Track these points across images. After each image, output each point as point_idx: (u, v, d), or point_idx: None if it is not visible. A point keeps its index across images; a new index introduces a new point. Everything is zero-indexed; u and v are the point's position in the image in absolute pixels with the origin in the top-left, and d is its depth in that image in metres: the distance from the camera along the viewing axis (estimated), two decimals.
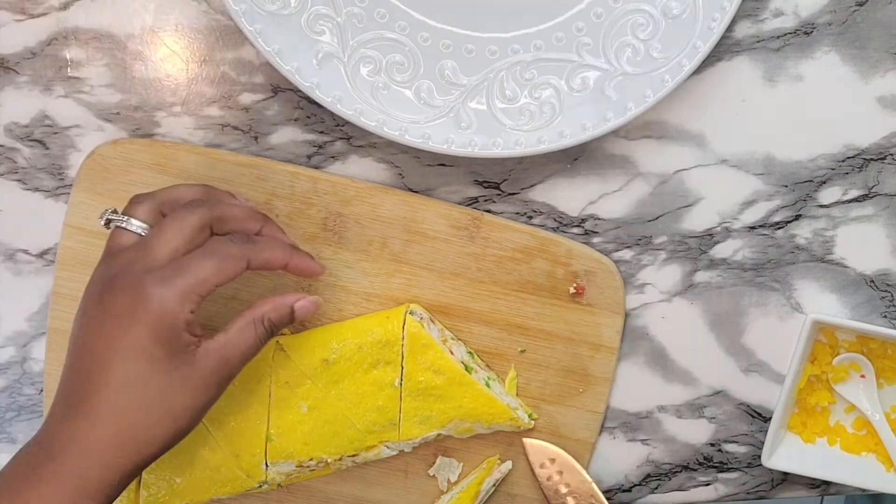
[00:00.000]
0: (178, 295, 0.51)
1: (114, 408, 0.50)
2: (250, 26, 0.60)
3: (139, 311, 0.51)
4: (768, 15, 0.64)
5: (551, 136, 0.62)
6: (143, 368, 0.51)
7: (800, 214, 0.67)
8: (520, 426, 0.64)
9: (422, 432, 0.63)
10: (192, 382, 0.52)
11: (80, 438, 0.50)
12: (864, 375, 0.67)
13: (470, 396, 0.63)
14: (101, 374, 0.51)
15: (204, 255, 0.53)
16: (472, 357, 0.66)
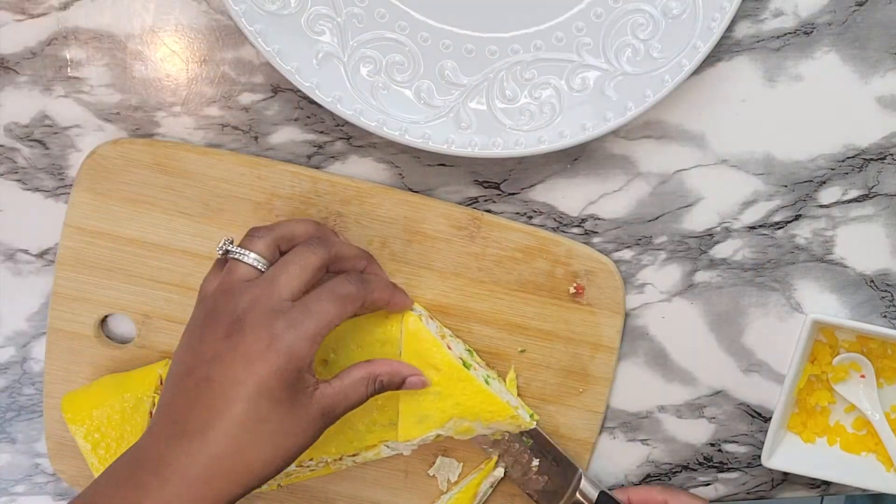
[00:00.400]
0: (307, 339, 0.53)
1: (231, 441, 0.51)
2: (250, 26, 0.60)
3: (269, 353, 0.52)
4: (768, 15, 0.64)
5: (551, 136, 0.62)
6: (266, 408, 0.52)
7: (800, 214, 0.67)
8: (520, 425, 0.63)
9: (420, 432, 0.62)
10: (304, 424, 0.54)
11: (190, 464, 0.51)
12: (864, 375, 0.67)
13: (469, 393, 0.62)
14: (224, 409, 0.51)
15: (327, 298, 0.55)
16: (471, 355, 0.66)
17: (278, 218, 0.65)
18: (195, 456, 0.51)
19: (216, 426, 0.51)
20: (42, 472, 0.71)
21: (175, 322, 0.66)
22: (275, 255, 0.57)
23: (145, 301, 0.66)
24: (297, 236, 0.59)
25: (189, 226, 0.65)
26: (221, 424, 0.51)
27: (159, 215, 0.65)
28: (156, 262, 0.65)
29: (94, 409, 0.64)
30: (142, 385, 0.64)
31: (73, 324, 0.66)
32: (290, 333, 0.53)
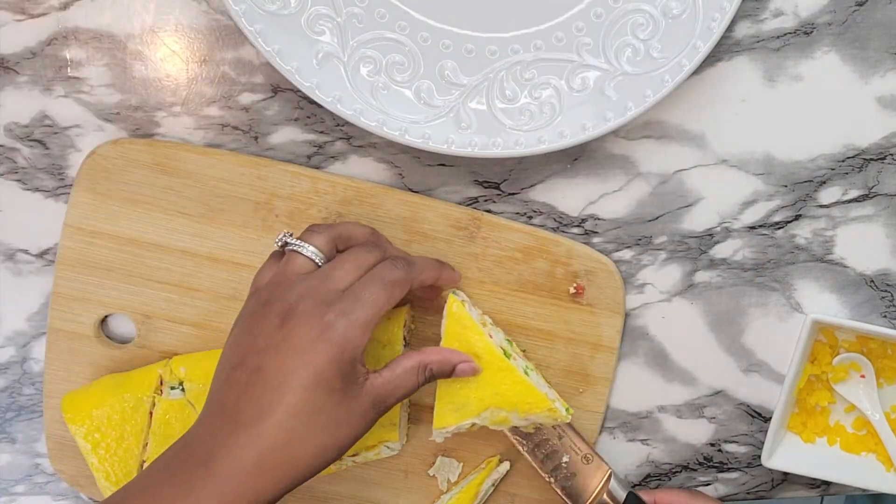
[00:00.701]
0: (359, 327, 0.53)
1: (284, 433, 0.51)
2: (250, 26, 0.60)
3: (322, 343, 0.52)
4: (768, 15, 0.64)
5: (551, 136, 0.62)
6: (319, 398, 0.52)
7: (800, 214, 0.67)
8: (556, 418, 0.61)
9: (456, 420, 0.60)
10: (356, 415, 0.53)
11: (241, 456, 0.50)
12: (864, 375, 0.67)
13: (508, 383, 0.60)
14: (277, 399, 0.51)
15: (376, 284, 0.55)
16: (511, 345, 0.65)
17: (278, 218, 0.65)
18: (246, 448, 0.50)
19: (268, 418, 0.51)
20: (42, 472, 0.71)
21: (175, 322, 0.66)
22: (332, 252, 0.57)
23: (145, 301, 0.66)
24: (355, 237, 0.60)
25: (189, 226, 0.65)
26: (273, 416, 0.51)
27: (159, 215, 0.65)
28: (155, 262, 0.65)
29: (94, 409, 0.64)
30: (142, 385, 0.64)
31: (73, 324, 0.66)
32: (341, 322, 0.53)
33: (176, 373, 0.64)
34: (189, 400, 0.64)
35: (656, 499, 0.65)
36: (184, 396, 0.64)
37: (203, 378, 0.64)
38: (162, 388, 0.64)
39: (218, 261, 0.65)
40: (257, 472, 0.50)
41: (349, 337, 0.53)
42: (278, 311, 0.53)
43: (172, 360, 0.65)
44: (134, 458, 0.64)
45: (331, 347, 0.52)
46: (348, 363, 0.53)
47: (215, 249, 0.65)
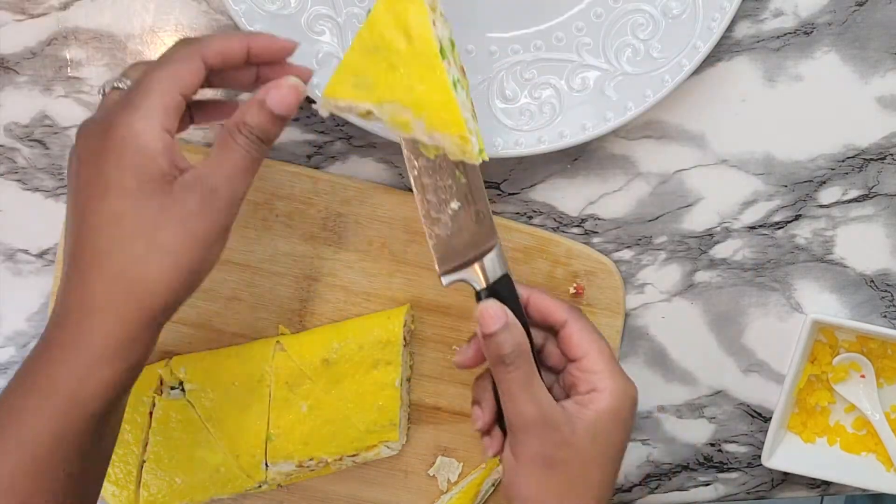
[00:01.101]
0: (143, 115, 0.47)
1: (96, 253, 0.47)
2: (250, 26, 0.60)
3: (107, 144, 0.47)
4: (768, 15, 0.64)
5: (551, 136, 0.62)
6: (117, 204, 0.47)
7: (800, 214, 0.67)
8: (465, 153, 0.50)
9: (351, 96, 0.50)
10: (175, 213, 0.47)
11: (79, 299, 0.47)
12: (864, 375, 0.67)
13: (429, 85, 0.50)
14: (81, 226, 0.48)
15: (157, 66, 0.49)
16: (453, 49, 0.54)
17: (278, 218, 0.65)
18: (80, 290, 0.47)
19: (81, 246, 0.48)
20: None
21: (175, 322, 0.66)
22: None
23: None
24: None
25: None
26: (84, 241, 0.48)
27: None
28: None
29: None
30: (142, 385, 0.64)
31: None
32: (123, 116, 0.47)
33: (176, 373, 0.64)
34: (189, 400, 0.64)
35: (531, 299, 0.58)
36: (184, 396, 0.64)
37: (203, 378, 0.64)
38: (162, 388, 0.64)
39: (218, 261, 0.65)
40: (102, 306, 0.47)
41: (134, 127, 0.47)
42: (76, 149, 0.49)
43: (172, 360, 0.65)
44: (134, 458, 0.64)
45: (113, 145, 0.47)
46: (137, 157, 0.47)
47: None
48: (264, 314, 0.66)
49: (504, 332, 0.54)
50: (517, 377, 0.54)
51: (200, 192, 0.48)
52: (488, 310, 0.54)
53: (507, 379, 0.54)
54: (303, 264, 0.66)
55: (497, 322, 0.54)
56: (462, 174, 0.56)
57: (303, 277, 0.66)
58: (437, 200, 0.56)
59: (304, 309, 0.66)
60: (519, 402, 0.54)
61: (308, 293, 0.66)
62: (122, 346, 0.48)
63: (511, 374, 0.54)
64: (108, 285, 0.47)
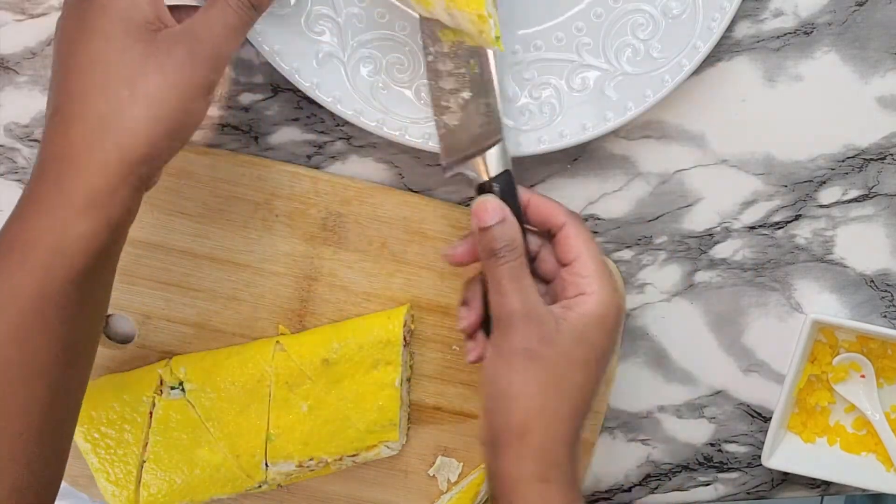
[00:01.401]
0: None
1: (77, 97, 0.47)
2: None
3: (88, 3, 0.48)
4: (768, 15, 0.64)
5: (551, 136, 0.62)
6: (100, 48, 0.48)
7: (800, 214, 0.67)
8: (482, 33, 0.52)
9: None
10: (158, 62, 0.48)
11: (59, 147, 0.47)
12: (864, 375, 0.67)
13: None
14: (64, 72, 0.48)
15: None
16: None
17: (278, 218, 0.65)
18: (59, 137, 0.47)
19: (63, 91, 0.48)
20: None
21: (175, 322, 0.66)
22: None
23: (145, 301, 0.66)
24: None
25: (189, 226, 0.65)
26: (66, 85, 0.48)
27: (159, 215, 0.65)
28: (156, 262, 0.65)
29: (93, 410, 0.64)
30: (142, 385, 0.64)
31: None
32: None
33: (176, 373, 0.64)
34: (189, 400, 0.64)
35: (531, 200, 0.57)
36: (184, 396, 0.64)
37: (203, 378, 0.64)
38: (162, 388, 0.64)
39: (218, 261, 0.65)
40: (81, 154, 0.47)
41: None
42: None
43: (172, 360, 0.65)
44: (134, 458, 0.64)
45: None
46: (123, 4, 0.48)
47: (215, 249, 0.65)
48: (264, 314, 0.66)
49: (499, 226, 0.54)
50: (507, 270, 0.54)
51: (185, 44, 0.48)
52: (485, 203, 0.55)
53: (496, 271, 0.54)
54: (303, 264, 0.66)
55: (494, 216, 0.54)
56: (476, 64, 0.56)
57: (303, 277, 0.66)
58: (448, 88, 0.56)
59: (304, 309, 0.66)
60: (506, 294, 0.54)
61: (308, 293, 0.66)
62: (100, 197, 0.47)
63: (501, 266, 0.54)
64: (87, 129, 0.47)
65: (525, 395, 0.53)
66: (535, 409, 0.53)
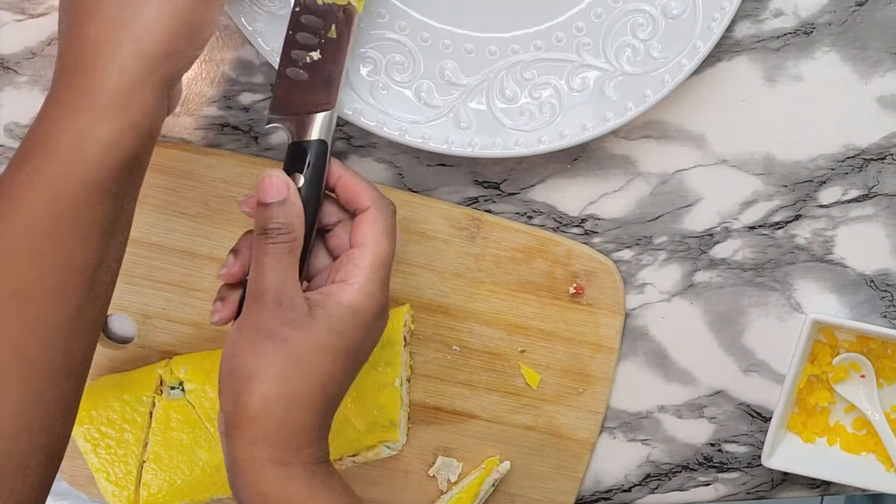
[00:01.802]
0: None
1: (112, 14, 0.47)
2: (250, 26, 0.60)
3: None
4: (768, 15, 0.64)
5: (551, 136, 0.62)
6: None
7: (800, 214, 0.67)
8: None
9: None
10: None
11: (76, 52, 0.47)
12: (864, 375, 0.67)
13: None
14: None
15: None
16: None
17: None
18: (85, 45, 0.46)
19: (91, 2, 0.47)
20: None
21: (175, 322, 0.66)
22: None
23: (145, 301, 0.66)
24: None
25: (188, 226, 0.65)
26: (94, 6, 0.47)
27: (159, 215, 0.65)
28: (156, 262, 0.65)
29: (93, 410, 0.64)
30: (142, 385, 0.64)
31: None
32: None
33: (176, 373, 0.64)
34: (189, 400, 0.64)
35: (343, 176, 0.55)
36: (184, 396, 0.64)
37: (203, 378, 0.64)
38: (162, 388, 0.64)
39: (218, 261, 0.65)
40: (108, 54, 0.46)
41: None
42: None
43: (172, 360, 0.65)
44: (134, 458, 0.64)
45: None
46: None
47: (215, 249, 0.65)
48: None
49: (278, 206, 0.52)
50: (273, 251, 0.51)
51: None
52: (271, 179, 0.52)
53: (261, 249, 0.52)
54: None
55: (276, 195, 0.52)
56: (335, 30, 0.56)
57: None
58: (301, 43, 0.56)
59: None
60: (264, 273, 0.51)
61: None
62: (121, 99, 0.46)
63: (267, 246, 0.51)
64: (102, 28, 0.46)
65: (262, 377, 0.50)
66: (272, 392, 0.50)
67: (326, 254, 0.56)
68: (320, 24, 0.56)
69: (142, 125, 0.47)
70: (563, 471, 0.68)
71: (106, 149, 0.46)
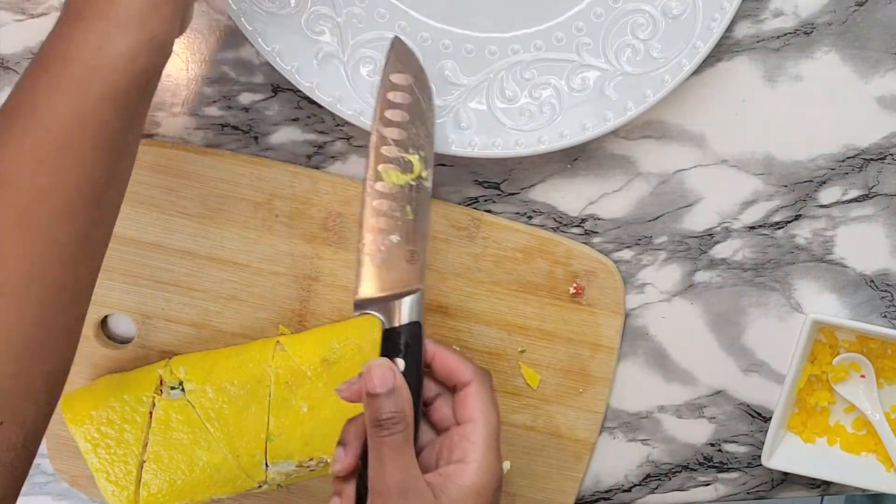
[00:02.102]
0: None
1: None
2: (250, 26, 0.60)
3: None
4: (768, 15, 0.64)
5: (551, 136, 0.62)
6: None
7: (800, 214, 0.67)
8: None
9: None
10: None
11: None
12: (864, 375, 0.67)
13: None
14: None
15: None
16: None
17: (278, 218, 0.65)
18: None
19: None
20: (42, 472, 0.71)
21: (175, 322, 0.66)
22: None
23: (145, 301, 0.66)
24: None
25: (189, 226, 0.65)
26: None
27: (159, 215, 0.65)
28: (156, 262, 0.65)
29: (93, 410, 0.64)
30: (142, 385, 0.64)
31: None
32: None
33: (176, 373, 0.64)
34: (189, 400, 0.64)
35: (437, 354, 0.55)
36: (184, 396, 0.64)
37: (203, 378, 0.64)
38: (162, 388, 0.64)
39: (218, 261, 0.65)
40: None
41: None
42: None
43: (172, 360, 0.65)
44: (134, 458, 0.64)
45: None
46: None
47: (215, 249, 0.65)
48: (264, 314, 0.66)
49: (388, 396, 0.51)
50: (390, 442, 0.51)
51: None
52: (376, 369, 0.52)
53: (378, 442, 0.51)
54: (303, 264, 0.66)
55: (383, 385, 0.51)
56: (412, 211, 0.56)
57: (303, 277, 0.66)
58: (380, 228, 0.56)
59: (304, 309, 0.66)
60: (386, 467, 0.51)
61: (308, 293, 0.66)
62: (140, 14, 0.46)
63: (384, 438, 0.51)
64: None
65: None
66: None
67: (429, 427, 0.56)
68: (395, 206, 0.56)
69: (159, 40, 0.47)
70: (563, 471, 0.68)
71: (124, 61, 0.46)
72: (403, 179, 0.56)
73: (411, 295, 0.55)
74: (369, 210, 0.56)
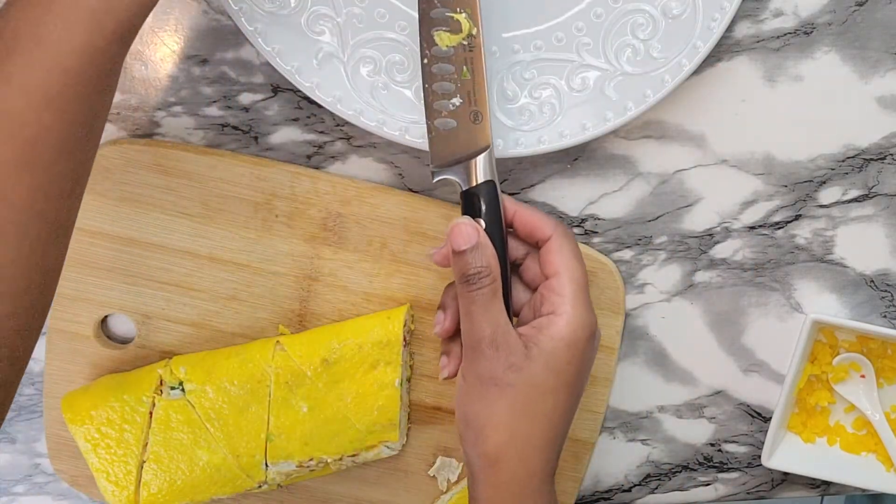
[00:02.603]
0: None
1: None
2: (250, 26, 0.60)
3: None
4: (768, 15, 0.64)
5: (551, 136, 0.62)
6: None
7: (800, 214, 0.67)
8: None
9: None
10: None
11: None
12: (864, 375, 0.67)
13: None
14: None
15: None
16: None
17: (278, 218, 0.65)
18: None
19: None
20: (42, 472, 0.71)
21: (175, 322, 0.66)
22: None
23: (145, 301, 0.66)
24: None
25: (189, 226, 0.65)
26: None
27: (159, 215, 0.65)
28: (155, 262, 0.65)
29: (93, 410, 0.64)
30: (142, 385, 0.64)
31: (73, 324, 0.66)
32: None
33: (176, 373, 0.64)
34: (189, 400, 0.64)
35: (518, 211, 0.56)
36: (183, 396, 0.64)
37: (203, 378, 0.64)
38: (162, 388, 0.64)
39: (218, 261, 0.66)
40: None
41: None
42: None
43: (172, 361, 0.65)
44: (134, 458, 0.64)
45: None
46: None
47: (215, 249, 0.65)
48: (264, 314, 0.66)
49: (472, 252, 0.53)
50: (478, 297, 0.53)
51: None
52: (459, 227, 0.54)
53: (467, 297, 0.53)
54: (303, 264, 0.66)
55: (467, 241, 0.53)
56: (468, 70, 0.57)
57: (303, 277, 0.66)
58: (441, 93, 0.57)
59: (304, 309, 0.66)
60: (475, 320, 0.53)
61: (308, 293, 0.66)
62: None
63: (472, 293, 0.53)
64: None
65: (493, 424, 0.53)
66: (505, 438, 0.52)
67: (524, 287, 0.57)
68: (451, 69, 0.57)
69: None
70: (563, 471, 0.68)
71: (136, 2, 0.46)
72: (455, 40, 0.57)
73: (483, 153, 0.56)
74: (428, 76, 0.57)
